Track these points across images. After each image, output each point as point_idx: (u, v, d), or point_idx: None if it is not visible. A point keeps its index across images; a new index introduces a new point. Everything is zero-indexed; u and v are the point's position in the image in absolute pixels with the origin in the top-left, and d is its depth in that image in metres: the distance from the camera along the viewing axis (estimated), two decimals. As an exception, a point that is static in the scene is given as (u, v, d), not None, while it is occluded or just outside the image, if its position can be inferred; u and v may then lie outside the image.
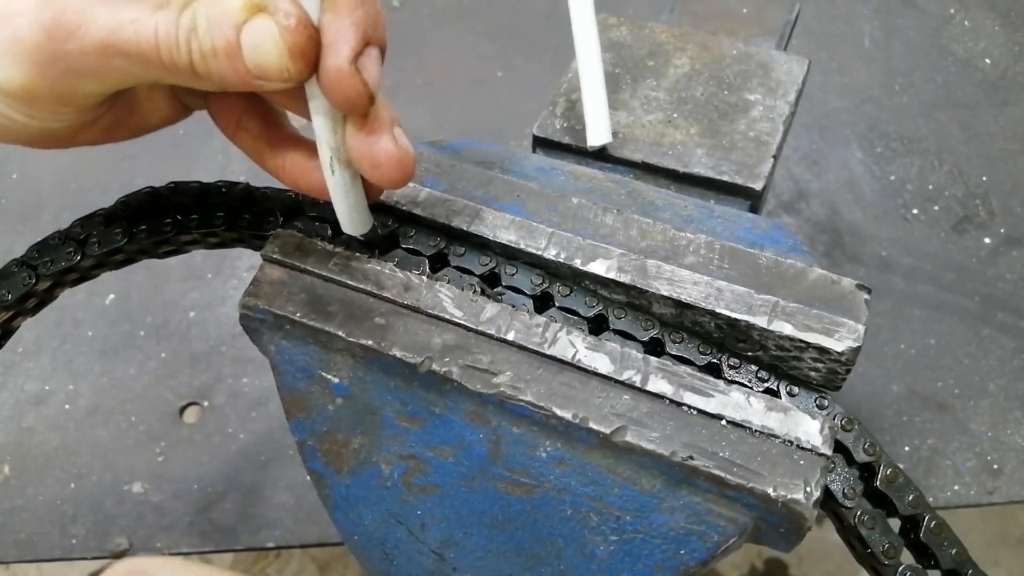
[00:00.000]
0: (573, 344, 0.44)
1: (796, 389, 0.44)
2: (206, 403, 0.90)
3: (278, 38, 0.34)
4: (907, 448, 0.84)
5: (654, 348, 0.45)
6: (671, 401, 0.42)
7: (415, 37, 1.18)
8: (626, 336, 0.45)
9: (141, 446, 0.88)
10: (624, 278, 0.45)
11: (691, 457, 0.40)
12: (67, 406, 0.90)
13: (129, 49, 0.35)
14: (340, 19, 0.35)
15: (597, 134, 0.62)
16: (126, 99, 0.42)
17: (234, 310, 0.93)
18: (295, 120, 0.44)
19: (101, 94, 0.38)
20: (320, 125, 0.38)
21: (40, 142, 0.40)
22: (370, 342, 0.44)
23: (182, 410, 0.90)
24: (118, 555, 0.82)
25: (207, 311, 0.96)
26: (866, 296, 0.44)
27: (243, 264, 0.99)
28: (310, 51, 0.35)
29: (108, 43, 0.35)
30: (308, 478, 0.47)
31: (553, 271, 0.47)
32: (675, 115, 0.65)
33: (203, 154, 1.09)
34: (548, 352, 0.43)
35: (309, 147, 0.42)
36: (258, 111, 0.43)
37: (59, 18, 0.34)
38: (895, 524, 0.44)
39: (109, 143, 0.44)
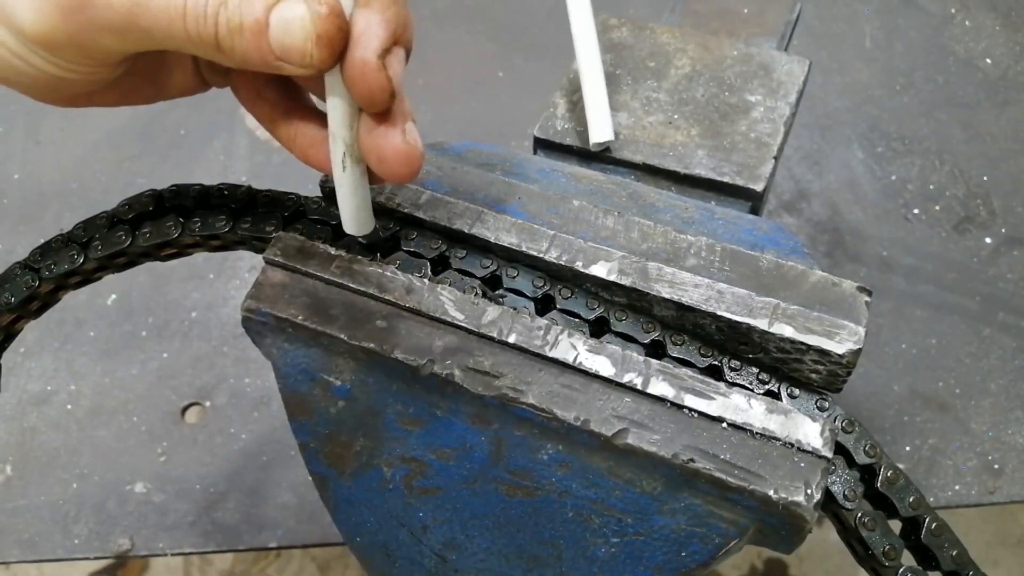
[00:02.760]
0: (574, 346, 0.44)
1: (797, 391, 0.44)
2: (208, 403, 0.90)
3: (308, 23, 0.34)
4: (908, 448, 0.84)
5: (655, 350, 0.45)
6: (672, 403, 0.42)
7: (416, 37, 1.18)
8: (627, 338, 0.45)
9: (143, 446, 0.88)
10: (625, 281, 0.45)
11: (692, 459, 0.40)
12: (69, 406, 0.90)
13: (156, 13, 0.35)
14: (372, 14, 0.35)
15: (599, 132, 0.62)
16: (147, 64, 0.42)
17: (236, 310, 0.93)
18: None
19: (122, 52, 0.38)
20: (335, 120, 0.39)
21: (56, 95, 0.40)
22: (372, 345, 0.44)
23: (184, 410, 0.90)
24: (120, 555, 0.82)
25: (209, 311, 0.96)
26: (867, 298, 0.44)
27: (245, 265, 0.99)
28: (338, 41, 0.35)
29: (136, 3, 0.35)
30: (309, 478, 0.48)
31: (554, 274, 0.47)
32: (676, 116, 0.65)
33: (204, 155, 1.09)
34: (549, 354, 0.43)
35: (323, 120, 0.42)
36: (280, 80, 0.43)
37: None
38: (896, 526, 0.45)
39: (123, 106, 0.44)
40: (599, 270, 0.46)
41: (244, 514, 0.83)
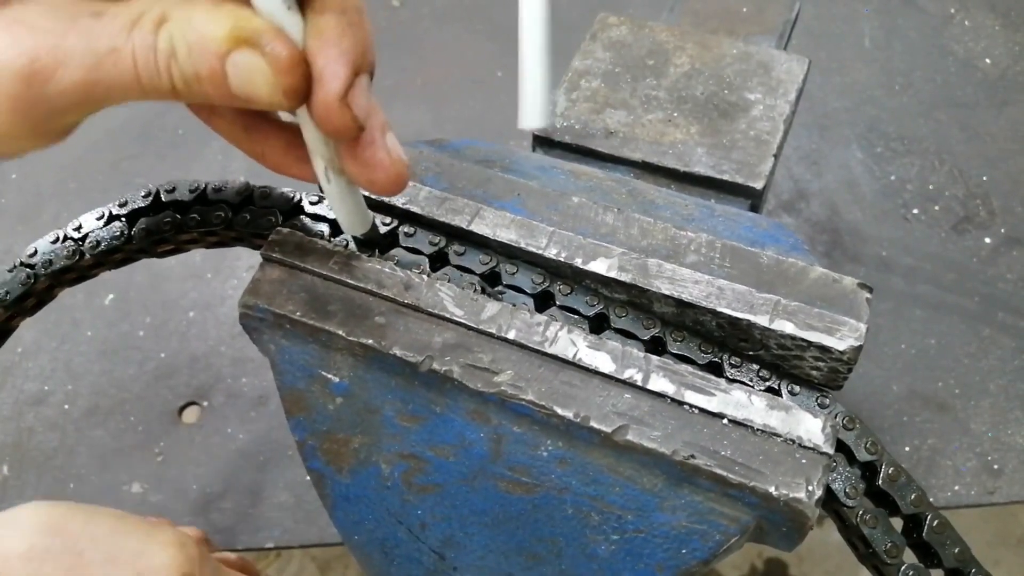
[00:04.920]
0: (574, 343, 0.43)
1: (797, 388, 0.44)
2: (205, 403, 0.90)
3: (269, 75, 0.33)
4: (907, 448, 0.84)
5: (655, 347, 0.45)
6: (672, 400, 0.42)
7: (415, 37, 1.18)
8: (627, 335, 0.45)
9: (140, 446, 0.87)
10: (625, 277, 0.45)
11: (692, 456, 0.40)
12: (66, 406, 0.90)
13: (110, 82, 0.34)
14: (327, 48, 0.34)
15: (530, 116, 0.59)
16: None
17: (233, 310, 0.92)
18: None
19: (81, 121, 0.37)
20: (311, 138, 0.38)
21: (12, 158, 0.40)
22: (370, 341, 0.44)
23: (181, 410, 0.90)
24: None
25: (206, 311, 0.96)
26: (867, 295, 0.44)
27: (242, 264, 0.99)
28: (303, 88, 0.34)
29: (88, 80, 0.34)
30: (307, 478, 0.47)
31: (554, 270, 0.47)
32: (675, 114, 0.65)
33: (202, 154, 1.08)
34: (549, 351, 0.43)
35: (289, 131, 0.41)
36: None
37: (35, 63, 0.33)
38: (897, 524, 0.44)
39: None
40: (599, 266, 0.46)
41: (241, 514, 0.83)
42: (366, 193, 0.48)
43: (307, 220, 0.49)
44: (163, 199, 0.51)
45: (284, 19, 0.33)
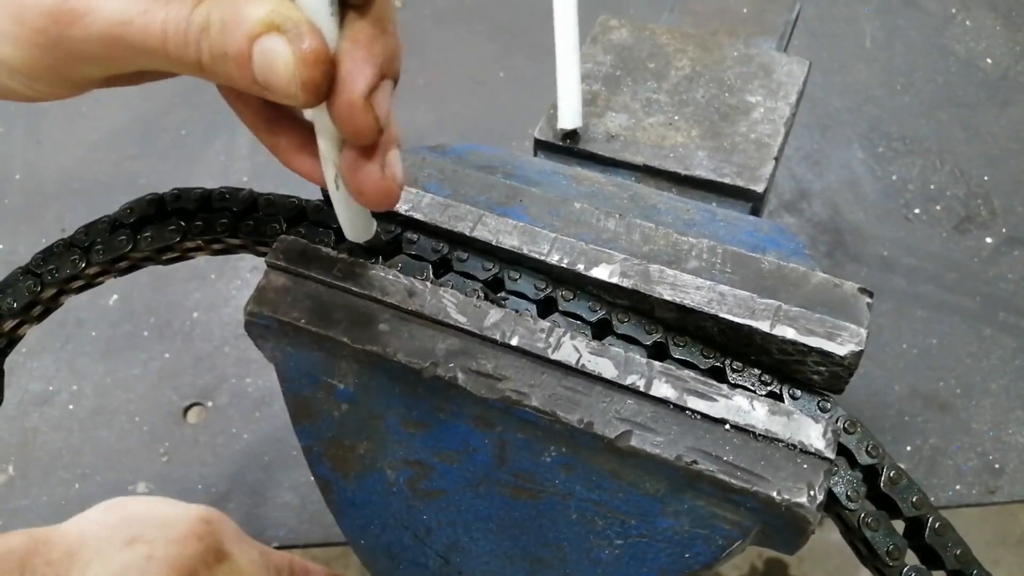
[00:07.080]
0: (577, 349, 0.44)
1: (799, 392, 0.44)
2: (210, 403, 0.90)
3: (291, 64, 0.33)
4: (909, 448, 0.85)
5: (658, 352, 0.45)
6: (675, 405, 0.42)
7: (417, 37, 1.18)
8: (630, 340, 0.46)
9: (145, 446, 0.88)
10: (627, 283, 0.45)
11: (695, 461, 0.40)
12: (71, 406, 0.90)
13: (134, 41, 0.34)
14: (357, 50, 0.34)
15: (568, 118, 0.62)
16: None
17: (237, 311, 0.93)
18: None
19: (102, 77, 0.38)
20: (325, 145, 0.38)
21: (33, 101, 0.40)
22: (375, 348, 0.44)
23: (186, 410, 0.90)
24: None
25: (210, 312, 0.96)
26: (868, 300, 0.44)
27: (246, 265, 0.99)
28: (323, 85, 0.34)
29: (113, 34, 0.34)
30: (311, 478, 0.48)
31: (556, 276, 0.47)
32: (676, 117, 0.65)
33: (205, 155, 1.09)
34: (552, 357, 0.43)
35: (307, 129, 0.42)
36: None
37: (64, 4, 0.34)
38: (899, 526, 0.45)
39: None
40: (601, 273, 0.46)
41: (246, 514, 0.84)
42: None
43: (310, 227, 0.49)
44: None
45: (323, 21, 0.34)
